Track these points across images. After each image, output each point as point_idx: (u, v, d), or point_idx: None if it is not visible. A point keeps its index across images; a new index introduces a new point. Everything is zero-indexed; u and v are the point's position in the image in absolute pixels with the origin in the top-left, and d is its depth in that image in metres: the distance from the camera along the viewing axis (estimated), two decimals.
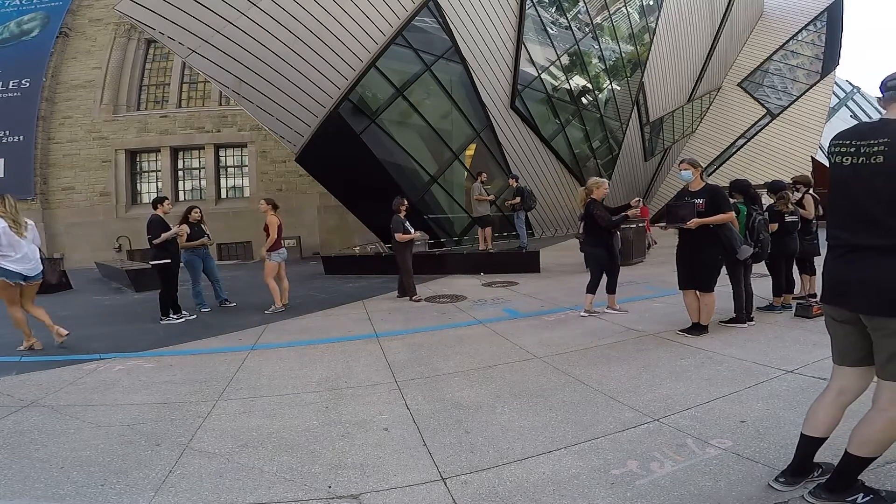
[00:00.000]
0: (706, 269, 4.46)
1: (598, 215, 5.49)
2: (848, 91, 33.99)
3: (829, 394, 2.04)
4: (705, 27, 21.72)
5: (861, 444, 1.87)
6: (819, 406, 2.06)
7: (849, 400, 2.01)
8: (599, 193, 5.61)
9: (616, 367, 3.80)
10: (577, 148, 16.94)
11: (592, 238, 5.69)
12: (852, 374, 1.99)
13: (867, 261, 1.83)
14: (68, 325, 5.40)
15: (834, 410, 2.02)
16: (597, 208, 5.52)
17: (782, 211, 5.22)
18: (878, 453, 1.87)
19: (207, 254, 7.37)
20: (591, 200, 5.58)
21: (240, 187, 17.71)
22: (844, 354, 2.00)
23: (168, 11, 9.48)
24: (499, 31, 13.45)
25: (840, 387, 2.01)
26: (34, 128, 16.13)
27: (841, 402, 2.01)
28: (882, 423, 1.83)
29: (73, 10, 16.96)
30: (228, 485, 2.36)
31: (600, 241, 5.62)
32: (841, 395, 2.01)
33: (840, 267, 1.95)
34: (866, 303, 1.83)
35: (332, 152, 11.90)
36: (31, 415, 3.34)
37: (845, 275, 1.92)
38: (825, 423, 2.02)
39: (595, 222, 5.53)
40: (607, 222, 5.49)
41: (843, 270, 1.93)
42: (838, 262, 1.95)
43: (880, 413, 1.84)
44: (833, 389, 2.04)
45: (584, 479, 2.26)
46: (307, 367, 4.21)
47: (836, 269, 1.96)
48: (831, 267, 2.00)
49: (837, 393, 2.01)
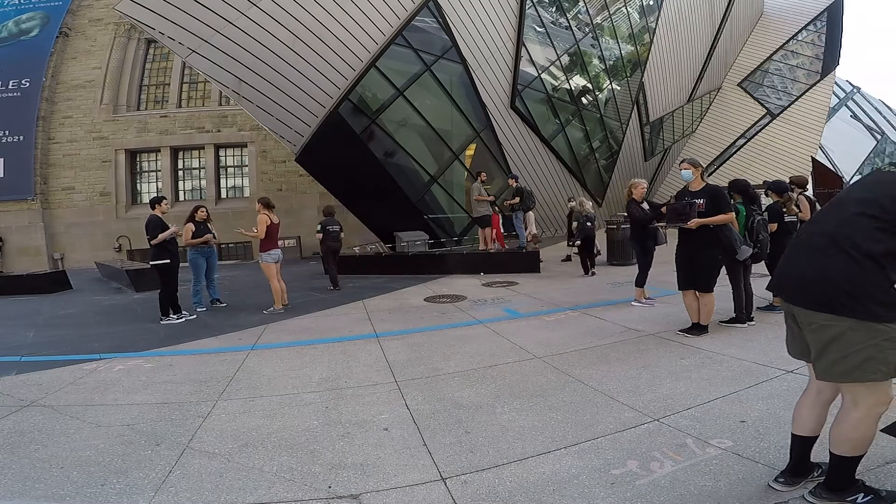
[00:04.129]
0: (706, 270, 4.47)
1: (629, 212, 6.09)
2: (848, 91, 33.93)
3: (810, 393, 2.08)
4: (705, 27, 21.72)
5: (838, 443, 1.89)
6: (802, 405, 2.08)
7: (829, 398, 2.03)
8: (638, 193, 6.10)
9: (616, 367, 3.80)
10: (577, 148, 16.94)
11: (631, 233, 6.46)
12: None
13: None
14: (68, 325, 5.41)
15: (818, 409, 2.04)
16: (631, 206, 6.04)
17: (784, 212, 5.21)
18: (858, 451, 1.88)
19: (213, 252, 7.38)
20: (631, 200, 6.09)
21: (240, 187, 17.71)
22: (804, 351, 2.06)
23: (168, 11, 9.48)
24: (499, 31, 13.45)
25: (819, 386, 2.04)
26: (34, 128, 16.13)
27: (823, 400, 2.03)
28: (850, 423, 1.86)
29: (73, 10, 16.96)
30: (228, 485, 2.36)
31: (635, 235, 6.26)
32: (821, 394, 2.03)
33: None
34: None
35: (332, 152, 11.90)
36: (31, 415, 3.34)
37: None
38: (811, 421, 2.04)
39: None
40: (635, 218, 5.99)
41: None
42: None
43: (846, 413, 1.88)
44: (812, 388, 2.07)
45: (584, 479, 2.26)
46: (307, 367, 4.21)
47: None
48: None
49: (817, 391, 2.04)
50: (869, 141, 31.98)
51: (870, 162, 31.95)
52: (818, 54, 24.05)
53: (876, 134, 32.73)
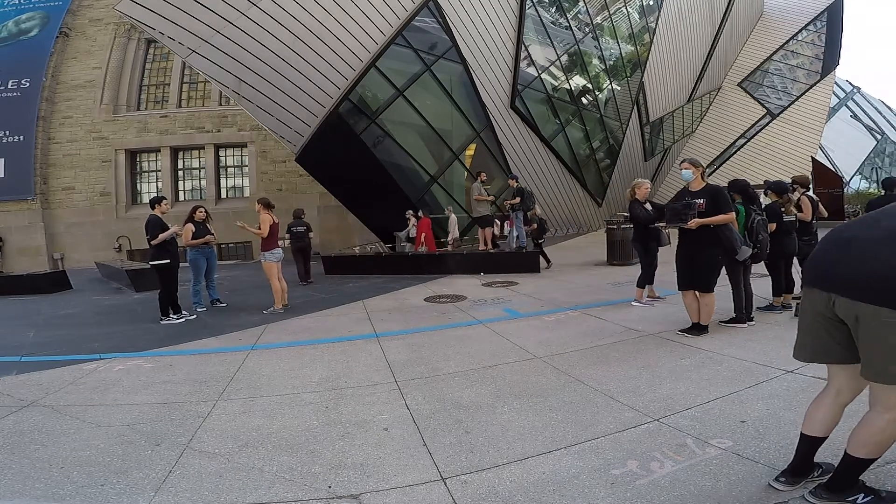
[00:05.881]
0: (706, 270, 4.46)
1: (631, 212, 6.09)
2: (848, 91, 33.97)
3: (828, 394, 2.05)
4: (705, 27, 21.72)
5: (860, 446, 1.87)
6: (818, 406, 2.06)
7: (847, 400, 2.01)
8: (641, 193, 6.07)
9: (616, 367, 3.80)
10: (577, 148, 16.95)
11: (634, 233, 6.47)
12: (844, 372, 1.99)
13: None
14: (68, 325, 5.41)
15: (834, 410, 2.02)
16: (634, 206, 6.03)
17: (784, 212, 5.21)
18: (877, 455, 1.87)
19: (213, 252, 7.40)
20: (633, 200, 6.07)
21: (240, 187, 17.71)
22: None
23: (168, 11, 9.48)
24: (499, 31, 13.45)
25: (838, 387, 2.02)
26: (34, 128, 16.13)
27: (840, 401, 2.01)
28: (879, 426, 1.83)
29: (73, 10, 16.96)
30: (228, 485, 2.36)
31: (638, 236, 6.30)
32: (840, 395, 2.01)
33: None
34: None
35: (332, 152, 11.90)
36: (31, 415, 3.34)
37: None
38: (825, 422, 2.02)
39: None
40: (638, 218, 6.00)
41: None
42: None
43: (878, 416, 1.84)
44: (832, 389, 2.04)
45: (584, 479, 2.26)
46: (307, 367, 4.21)
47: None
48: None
49: (836, 393, 2.02)
50: (869, 141, 32.01)
51: (870, 162, 31.96)
52: (818, 54, 24.07)
53: (876, 134, 32.76)
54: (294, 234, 9.61)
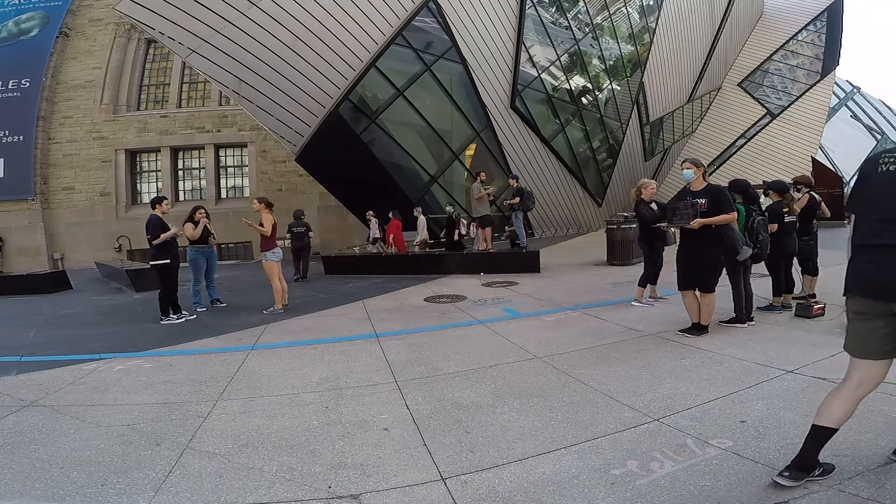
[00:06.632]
0: (707, 270, 4.46)
1: (637, 212, 6.05)
2: (848, 91, 33.97)
3: (849, 385, 2.07)
4: (705, 27, 21.73)
5: None
6: (836, 396, 2.09)
7: (866, 392, 2.05)
8: (648, 193, 6.05)
9: (616, 367, 3.80)
10: (577, 148, 16.95)
11: (640, 233, 6.39)
12: (876, 367, 2.02)
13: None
14: (68, 325, 5.41)
15: (851, 402, 2.05)
16: (640, 206, 6.01)
17: (785, 212, 5.21)
18: None
19: (213, 252, 7.40)
20: (639, 200, 6.05)
21: (240, 187, 17.72)
22: (872, 349, 2.03)
23: (168, 11, 9.49)
24: (499, 31, 13.46)
25: (860, 378, 2.04)
26: (34, 128, 16.14)
27: (858, 394, 2.05)
28: None
29: (73, 10, 16.97)
30: (228, 485, 2.36)
31: (644, 236, 6.21)
32: (860, 387, 2.05)
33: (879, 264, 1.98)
34: None
35: (332, 152, 11.90)
36: (31, 415, 3.34)
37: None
38: (840, 414, 2.05)
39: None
40: (644, 218, 5.96)
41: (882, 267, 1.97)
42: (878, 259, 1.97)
43: None
44: (853, 381, 2.06)
45: (584, 479, 2.26)
46: (307, 367, 4.21)
47: (875, 266, 1.99)
48: (868, 264, 2.02)
49: (857, 384, 2.05)
50: (869, 141, 31.99)
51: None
52: (818, 54, 24.07)
53: (876, 134, 32.74)
54: (294, 234, 9.88)
